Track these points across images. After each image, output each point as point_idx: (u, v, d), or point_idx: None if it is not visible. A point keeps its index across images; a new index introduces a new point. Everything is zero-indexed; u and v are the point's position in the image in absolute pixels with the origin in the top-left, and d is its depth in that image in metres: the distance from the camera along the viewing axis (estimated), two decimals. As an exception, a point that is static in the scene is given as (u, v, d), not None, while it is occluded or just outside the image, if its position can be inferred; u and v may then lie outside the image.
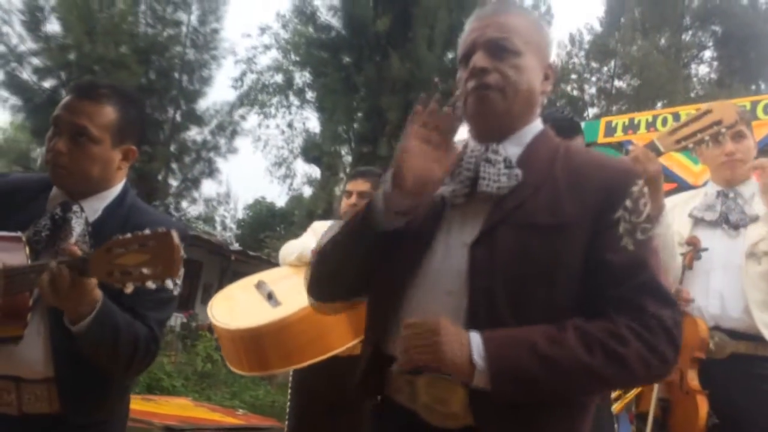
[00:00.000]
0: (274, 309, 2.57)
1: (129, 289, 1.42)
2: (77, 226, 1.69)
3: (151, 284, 1.42)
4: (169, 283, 1.61)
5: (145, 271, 1.38)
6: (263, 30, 11.36)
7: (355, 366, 2.85)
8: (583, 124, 5.24)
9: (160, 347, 1.75)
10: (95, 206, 1.74)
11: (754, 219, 2.47)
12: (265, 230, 16.59)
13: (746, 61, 18.63)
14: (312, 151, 10.89)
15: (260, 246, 13.45)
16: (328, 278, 1.43)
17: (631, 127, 5.27)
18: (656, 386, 2.40)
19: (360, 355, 1.42)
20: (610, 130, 5.40)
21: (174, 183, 7.71)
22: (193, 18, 7.68)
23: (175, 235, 1.37)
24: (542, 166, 1.28)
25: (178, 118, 7.45)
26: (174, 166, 7.48)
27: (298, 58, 11.09)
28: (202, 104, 7.68)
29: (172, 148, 7.23)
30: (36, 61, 6.82)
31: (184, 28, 7.59)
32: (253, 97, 10.92)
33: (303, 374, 2.89)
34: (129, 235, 1.40)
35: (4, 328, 1.54)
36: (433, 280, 1.25)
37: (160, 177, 7.30)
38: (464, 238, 1.24)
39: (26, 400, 1.63)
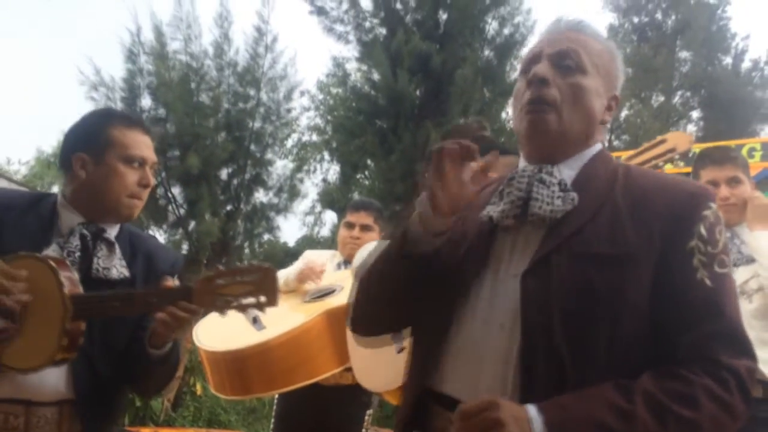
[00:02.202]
0: (258, 332, 2.56)
1: (226, 315, 1.56)
2: (104, 247, 1.76)
3: (254, 311, 1.64)
4: None
5: (246, 300, 1.49)
6: (302, 93, 12.18)
7: (343, 395, 2.79)
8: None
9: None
10: (114, 228, 1.83)
11: (750, 260, 2.45)
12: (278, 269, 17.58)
13: (731, 123, 19.91)
14: (339, 203, 11.53)
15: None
16: (371, 309, 1.34)
17: None
18: None
19: (404, 389, 1.34)
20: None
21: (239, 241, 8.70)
22: (263, 94, 8.77)
23: (274, 269, 1.52)
24: (601, 189, 1.18)
25: (248, 182, 8.50)
26: (242, 224, 8.49)
27: (335, 120, 11.96)
28: (269, 168, 8.75)
29: (246, 209, 8.30)
30: None
31: (253, 102, 8.68)
32: (295, 154, 11.86)
33: (287, 402, 2.94)
34: (230, 268, 1.53)
35: (66, 352, 1.56)
36: (483, 313, 1.16)
37: (231, 233, 8.29)
38: (516, 267, 1.16)
39: (34, 423, 1.60)
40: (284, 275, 2.94)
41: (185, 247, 8.14)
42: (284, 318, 2.63)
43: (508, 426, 0.97)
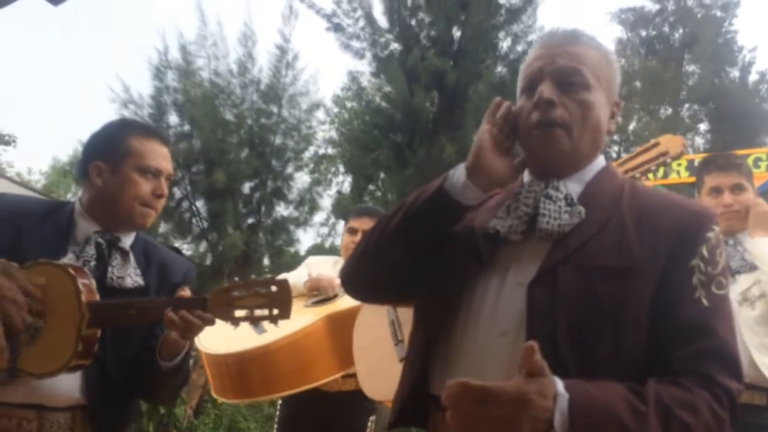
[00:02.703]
0: (259, 336, 2.56)
1: (237, 325, 1.59)
2: (118, 256, 1.77)
3: (266, 323, 1.65)
4: None
5: (259, 312, 1.54)
6: (317, 106, 12.37)
7: (345, 402, 2.80)
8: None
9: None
10: (129, 237, 1.84)
11: (753, 267, 2.44)
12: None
13: (739, 135, 20.05)
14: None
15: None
16: (374, 264, 1.31)
17: None
18: None
19: (400, 385, 1.32)
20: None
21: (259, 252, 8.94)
22: (284, 110, 9.03)
23: (289, 282, 1.57)
24: (607, 203, 1.20)
25: (270, 195, 8.76)
26: (263, 237, 8.73)
27: (350, 133, 12.11)
28: (290, 183, 9.00)
29: (267, 222, 8.55)
30: None
31: (275, 118, 8.94)
32: (311, 167, 12.07)
33: (290, 408, 2.95)
34: (246, 281, 1.58)
35: (82, 358, 1.57)
36: (487, 320, 1.17)
37: (253, 246, 8.53)
38: (521, 278, 1.16)
39: (47, 428, 1.61)
40: (291, 280, 2.92)
41: (209, 259, 8.39)
42: (286, 322, 2.63)
43: (532, 407, 0.94)
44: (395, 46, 11.26)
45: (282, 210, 8.93)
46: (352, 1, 10.88)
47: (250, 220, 8.60)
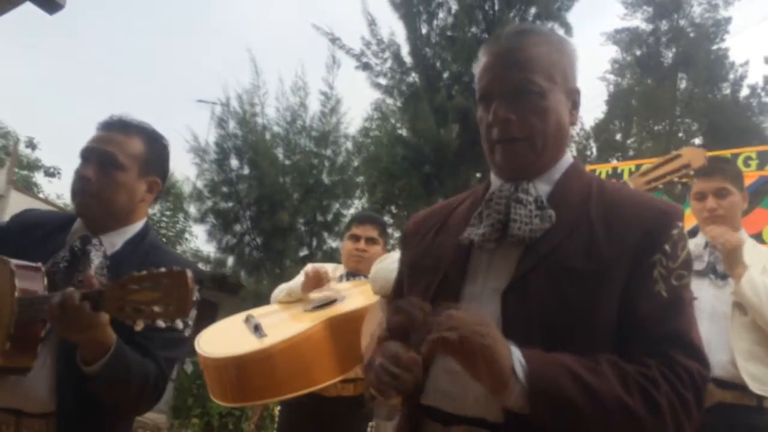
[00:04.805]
0: (258, 339, 2.54)
1: (139, 326, 1.37)
2: (95, 259, 1.66)
3: (161, 323, 1.39)
4: (179, 324, 1.61)
5: (156, 309, 1.31)
6: (345, 137, 13.06)
7: (344, 407, 2.85)
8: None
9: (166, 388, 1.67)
10: (114, 240, 1.72)
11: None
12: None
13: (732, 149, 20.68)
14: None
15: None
16: None
17: (615, 175, 5.12)
18: None
19: (403, 401, 1.31)
20: (593, 179, 5.63)
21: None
22: (328, 150, 9.94)
23: (189, 274, 1.31)
24: (576, 204, 1.21)
25: (320, 230, 9.67)
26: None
27: (377, 164, 12.89)
28: (338, 218, 9.90)
29: (319, 254, 9.43)
30: (224, 189, 9.20)
31: (323, 159, 9.84)
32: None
33: (289, 413, 2.98)
34: (144, 272, 1.34)
35: (14, 358, 1.48)
36: None
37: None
38: (495, 284, 1.18)
39: None
40: (289, 287, 2.96)
41: (267, 289, 9.24)
42: (286, 326, 2.66)
43: (499, 344, 1.02)
44: (421, 83, 12.11)
45: (331, 242, 9.81)
46: (380, 42, 11.76)
47: (303, 253, 9.49)
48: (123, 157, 1.67)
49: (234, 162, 9.29)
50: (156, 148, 1.76)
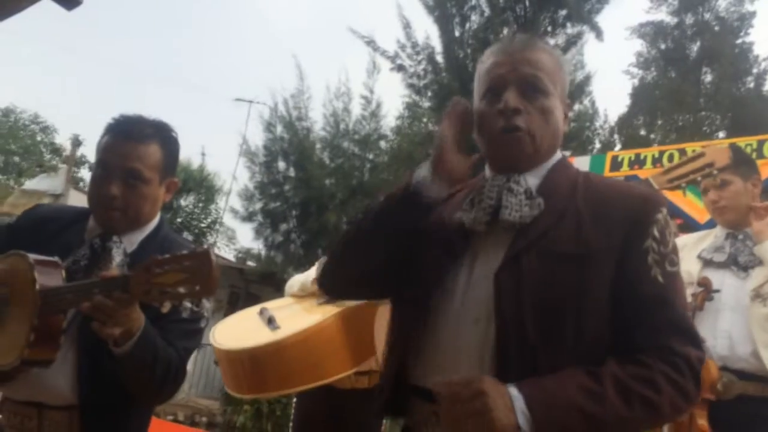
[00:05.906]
0: (272, 332, 2.55)
1: (166, 308, 1.42)
2: (117, 256, 1.68)
3: (187, 303, 1.46)
4: (205, 305, 1.66)
5: (181, 290, 1.33)
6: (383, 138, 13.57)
7: (358, 400, 2.80)
8: (588, 158, 5.71)
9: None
10: (133, 239, 1.74)
11: (761, 263, 2.44)
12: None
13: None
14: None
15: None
16: (351, 264, 1.37)
17: (638, 162, 5.05)
18: (665, 427, 2.35)
19: (381, 378, 1.39)
20: (616, 165, 5.16)
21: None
22: (369, 154, 10.44)
23: (212, 254, 1.33)
24: (563, 194, 1.27)
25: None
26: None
27: (410, 160, 13.34)
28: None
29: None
30: (273, 190, 9.77)
31: (364, 161, 10.35)
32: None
33: (305, 406, 2.97)
34: (168, 255, 1.37)
35: (37, 350, 1.48)
36: (459, 309, 1.23)
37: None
38: (488, 266, 1.23)
39: (46, 427, 1.58)
40: (301, 279, 2.96)
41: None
42: (299, 319, 2.69)
43: (497, 411, 1.02)
44: (453, 84, 12.48)
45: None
46: (414, 45, 12.14)
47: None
48: (147, 172, 1.68)
49: (281, 164, 9.83)
50: (170, 148, 1.77)
